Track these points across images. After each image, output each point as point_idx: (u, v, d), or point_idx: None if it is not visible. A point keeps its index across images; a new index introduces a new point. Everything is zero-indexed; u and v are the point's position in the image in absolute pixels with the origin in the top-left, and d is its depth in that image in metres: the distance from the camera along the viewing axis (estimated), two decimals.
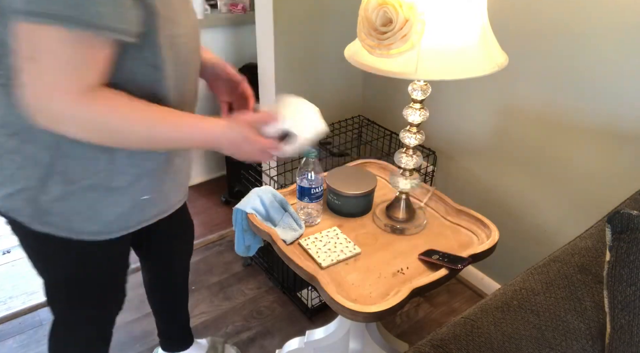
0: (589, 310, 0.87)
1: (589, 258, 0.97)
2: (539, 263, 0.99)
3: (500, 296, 0.91)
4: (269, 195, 1.19)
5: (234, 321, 1.75)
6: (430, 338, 0.83)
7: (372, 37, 0.93)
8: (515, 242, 1.70)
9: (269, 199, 1.18)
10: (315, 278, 0.98)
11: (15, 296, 1.81)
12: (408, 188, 1.17)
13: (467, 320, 0.86)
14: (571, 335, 0.83)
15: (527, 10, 1.41)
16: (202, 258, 2.04)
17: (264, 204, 1.17)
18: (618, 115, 1.31)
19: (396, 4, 0.87)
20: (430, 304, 1.85)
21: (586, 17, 1.29)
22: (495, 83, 1.57)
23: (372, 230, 1.18)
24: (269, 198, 1.18)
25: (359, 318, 0.93)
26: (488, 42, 0.96)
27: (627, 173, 1.34)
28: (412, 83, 1.06)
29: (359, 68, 0.99)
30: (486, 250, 1.09)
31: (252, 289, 1.89)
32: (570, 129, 1.43)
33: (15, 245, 2.05)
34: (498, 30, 1.08)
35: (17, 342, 1.64)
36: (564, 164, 1.48)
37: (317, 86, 1.92)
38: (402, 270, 1.05)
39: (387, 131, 1.92)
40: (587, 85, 1.35)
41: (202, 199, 2.42)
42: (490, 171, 1.70)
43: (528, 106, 1.51)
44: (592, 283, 0.91)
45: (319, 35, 1.82)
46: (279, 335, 1.69)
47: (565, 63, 1.38)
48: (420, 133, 1.12)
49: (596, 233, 1.04)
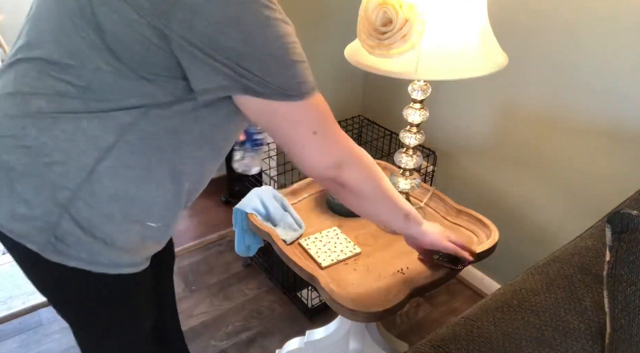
0: (589, 310, 0.87)
1: (589, 258, 0.97)
2: (539, 263, 0.99)
3: (500, 296, 0.91)
4: (269, 195, 1.19)
5: (234, 321, 1.75)
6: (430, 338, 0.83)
7: (372, 37, 0.93)
8: (515, 242, 1.70)
9: (269, 199, 1.18)
10: (315, 278, 0.98)
11: (15, 296, 1.81)
12: (408, 188, 1.17)
13: (467, 320, 0.86)
14: (571, 335, 0.83)
15: (527, 11, 1.41)
16: (202, 258, 2.04)
17: (264, 204, 1.17)
18: (618, 115, 1.31)
19: (396, 4, 0.87)
20: (430, 304, 1.85)
21: (586, 17, 1.29)
22: (495, 83, 1.57)
23: (372, 230, 1.18)
24: (269, 198, 1.18)
25: (359, 318, 0.93)
26: (488, 42, 0.96)
27: (627, 173, 1.34)
28: (412, 83, 1.06)
29: (359, 68, 0.99)
30: (486, 250, 1.09)
31: (252, 289, 1.89)
32: (570, 129, 1.43)
33: None
34: (498, 30, 1.08)
35: (17, 342, 1.64)
36: (564, 164, 1.48)
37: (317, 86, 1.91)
38: (402, 270, 1.05)
39: (387, 131, 1.92)
40: (587, 85, 1.35)
41: (202, 199, 2.42)
42: (490, 171, 1.70)
43: (528, 106, 1.51)
44: (592, 283, 0.91)
45: (318, 35, 1.82)
46: (279, 335, 1.69)
47: (565, 63, 1.38)
48: (420, 133, 1.12)
49: (596, 233, 1.04)
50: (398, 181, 1.17)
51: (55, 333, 1.67)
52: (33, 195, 0.74)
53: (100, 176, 0.74)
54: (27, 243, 0.76)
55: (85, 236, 0.77)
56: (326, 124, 0.78)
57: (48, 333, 1.67)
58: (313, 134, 0.76)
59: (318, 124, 0.77)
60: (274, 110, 0.73)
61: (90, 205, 0.75)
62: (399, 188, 1.17)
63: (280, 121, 0.75)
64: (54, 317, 1.73)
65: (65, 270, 0.79)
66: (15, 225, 0.76)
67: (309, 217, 1.21)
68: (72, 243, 0.77)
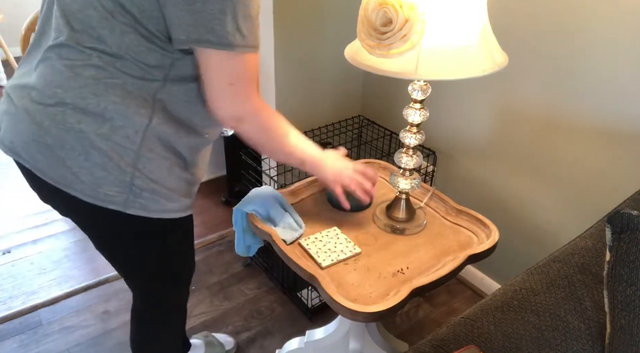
0: (589, 310, 0.87)
1: (589, 258, 0.97)
2: (539, 263, 1.00)
3: (500, 296, 0.91)
4: (269, 195, 1.19)
5: (234, 321, 1.75)
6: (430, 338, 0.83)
7: (372, 37, 0.93)
8: (515, 242, 1.70)
9: (269, 199, 1.18)
10: (315, 278, 0.98)
11: (15, 296, 1.81)
12: (408, 188, 1.17)
13: (467, 320, 0.86)
14: (571, 335, 0.83)
15: (527, 11, 1.41)
16: (202, 258, 2.04)
17: (264, 205, 1.17)
18: (618, 115, 1.31)
19: (396, 4, 0.87)
20: (430, 304, 1.85)
21: (586, 17, 1.29)
22: (495, 83, 1.57)
23: (372, 230, 1.18)
24: (268, 198, 1.18)
25: (359, 318, 0.93)
26: (488, 42, 0.96)
27: (627, 173, 1.34)
28: (412, 83, 1.06)
29: (359, 68, 0.99)
30: (486, 250, 1.09)
31: (252, 289, 1.89)
32: (570, 129, 1.43)
33: (15, 245, 2.05)
34: (498, 30, 1.08)
35: (17, 342, 1.64)
36: (564, 164, 1.48)
37: (317, 86, 1.92)
38: (402, 270, 1.06)
39: (387, 131, 1.92)
40: (587, 85, 1.35)
41: (202, 199, 2.42)
42: (491, 171, 1.70)
43: (528, 106, 1.51)
44: (592, 283, 0.91)
45: (319, 35, 1.82)
46: (279, 335, 1.69)
47: (565, 63, 1.38)
48: (420, 133, 1.12)
49: (596, 233, 1.04)
50: (398, 181, 1.17)
51: (55, 333, 1.67)
52: (107, 159, 0.85)
53: (153, 131, 0.87)
54: (109, 205, 0.88)
55: (158, 187, 0.91)
56: (245, 82, 0.88)
57: (48, 333, 1.67)
58: (229, 85, 0.86)
59: (238, 78, 0.86)
60: (210, 54, 0.83)
61: (152, 159, 0.89)
62: (399, 187, 1.17)
63: (213, 64, 0.84)
64: (53, 316, 1.73)
65: (145, 221, 0.93)
66: (97, 189, 0.87)
67: (309, 217, 1.21)
68: (147, 196, 0.90)
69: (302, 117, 1.92)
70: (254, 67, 0.88)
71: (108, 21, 0.80)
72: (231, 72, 0.85)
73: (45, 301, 1.79)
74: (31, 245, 2.06)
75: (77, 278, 1.91)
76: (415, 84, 1.06)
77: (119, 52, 0.82)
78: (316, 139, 1.90)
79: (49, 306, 1.77)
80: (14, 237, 2.10)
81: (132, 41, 0.81)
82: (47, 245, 2.07)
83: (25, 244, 2.07)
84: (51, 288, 1.85)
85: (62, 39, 0.83)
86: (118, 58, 0.82)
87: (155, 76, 0.85)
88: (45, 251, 2.02)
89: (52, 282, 1.88)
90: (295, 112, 1.89)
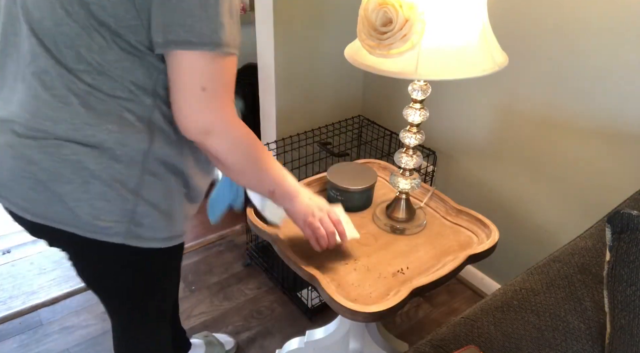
0: (589, 310, 0.87)
1: (589, 258, 0.97)
2: (539, 263, 1.00)
3: (500, 296, 0.91)
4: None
5: (234, 321, 1.75)
6: (430, 338, 0.83)
7: (372, 38, 0.93)
8: (515, 242, 1.70)
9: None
10: (315, 278, 0.98)
11: (15, 296, 1.81)
12: (408, 188, 1.17)
13: (467, 320, 0.86)
14: (571, 335, 0.83)
15: (527, 11, 1.41)
16: (202, 258, 2.04)
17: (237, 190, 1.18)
18: (618, 115, 1.31)
19: (396, 4, 0.87)
20: (430, 304, 1.85)
21: (586, 17, 1.29)
22: (496, 83, 1.57)
23: (372, 230, 1.18)
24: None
25: (359, 318, 0.93)
26: (488, 42, 0.96)
27: (627, 173, 1.34)
28: (412, 83, 1.06)
29: (359, 68, 0.99)
30: (486, 250, 1.09)
31: (252, 289, 1.89)
32: (570, 129, 1.43)
33: (15, 245, 2.05)
34: (498, 30, 1.08)
35: (17, 342, 1.64)
36: (564, 164, 1.48)
37: (317, 86, 1.92)
38: (402, 270, 1.06)
39: (387, 131, 1.92)
40: (587, 85, 1.35)
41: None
42: (491, 171, 1.70)
43: (528, 106, 1.51)
44: (592, 283, 0.92)
45: (319, 35, 1.82)
46: (279, 335, 1.69)
47: (566, 63, 1.38)
48: (420, 133, 1.12)
49: (596, 233, 1.04)
50: (398, 181, 1.17)
51: (55, 333, 1.67)
52: (108, 188, 0.80)
53: (154, 154, 0.82)
54: (111, 238, 0.83)
55: (159, 213, 0.85)
56: (220, 87, 0.77)
57: (48, 333, 1.67)
58: (201, 90, 0.75)
59: (212, 82, 0.75)
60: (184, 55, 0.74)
61: (154, 183, 0.83)
62: (399, 187, 1.17)
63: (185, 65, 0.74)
64: (53, 316, 1.73)
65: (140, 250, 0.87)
66: (95, 222, 0.81)
67: None
68: (148, 224, 0.85)
69: (302, 117, 1.92)
70: (231, 72, 0.78)
71: (84, 37, 0.73)
72: (205, 74, 0.75)
73: (45, 301, 1.79)
74: (31, 245, 2.06)
75: (77, 278, 1.90)
76: (415, 84, 1.06)
77: (102, 70, 0.75)
78: (316, 139, 1.90)
79: (49, 306, 1.77)
80: (14, 237, 2.10)
81: (115, 57, 0.75)
82: (47, 245, 2.07)
83: (25, 244, 2.06)
84: (51, 288, 1.85)
85: (41, 63, 0.76)
86: (105, 78, 0.76)
87: (145, 95, 0.79)
88: (45, 251, 2.02)
89: (52, 282, 1.88)
90: (295, 112, 1.89)
